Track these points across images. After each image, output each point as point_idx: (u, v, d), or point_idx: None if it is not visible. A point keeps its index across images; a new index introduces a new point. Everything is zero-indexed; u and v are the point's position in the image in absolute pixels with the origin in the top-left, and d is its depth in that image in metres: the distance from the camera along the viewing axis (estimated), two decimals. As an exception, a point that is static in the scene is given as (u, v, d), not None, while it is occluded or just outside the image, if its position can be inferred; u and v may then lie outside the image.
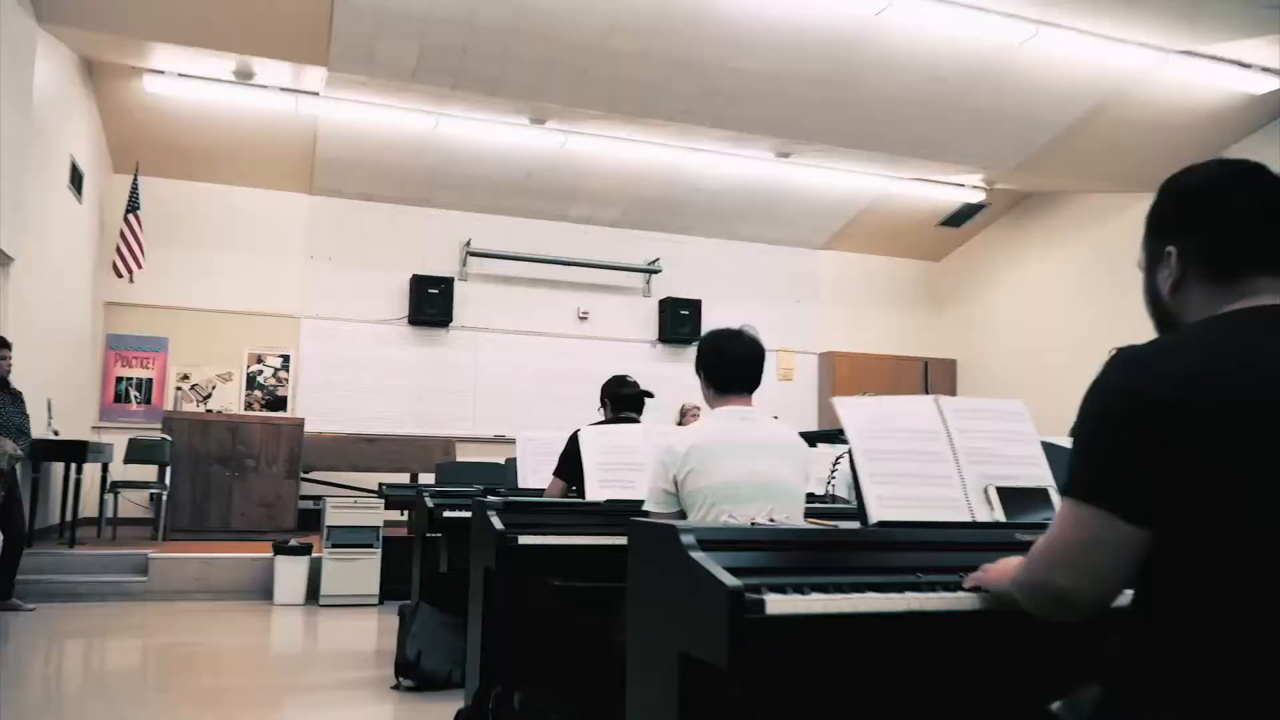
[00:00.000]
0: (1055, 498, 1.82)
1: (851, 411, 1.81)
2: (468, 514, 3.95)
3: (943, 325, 11.91)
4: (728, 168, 9.38)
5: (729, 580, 1.34)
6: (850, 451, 1.76)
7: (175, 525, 7.47)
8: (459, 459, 8.89)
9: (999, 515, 1.75)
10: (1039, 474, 1.84)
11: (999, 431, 1.86)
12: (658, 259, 10.67)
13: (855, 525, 1.80)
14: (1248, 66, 7.43)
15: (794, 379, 11.21)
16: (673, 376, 10.65)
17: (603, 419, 4.17)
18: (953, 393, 11.62)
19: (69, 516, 7.05)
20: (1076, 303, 10.09)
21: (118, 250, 8.47)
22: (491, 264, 10.16)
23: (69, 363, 8.06)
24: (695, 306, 10.67)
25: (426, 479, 8.84)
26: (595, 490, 2.93)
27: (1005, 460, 1.83)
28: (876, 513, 1.67)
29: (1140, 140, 8.15)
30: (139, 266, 8.60)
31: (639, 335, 10.69)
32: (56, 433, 6.87)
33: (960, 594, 1.47)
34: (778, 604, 1.33)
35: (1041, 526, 1.77)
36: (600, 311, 10.57)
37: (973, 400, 1.88)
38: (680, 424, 8.43)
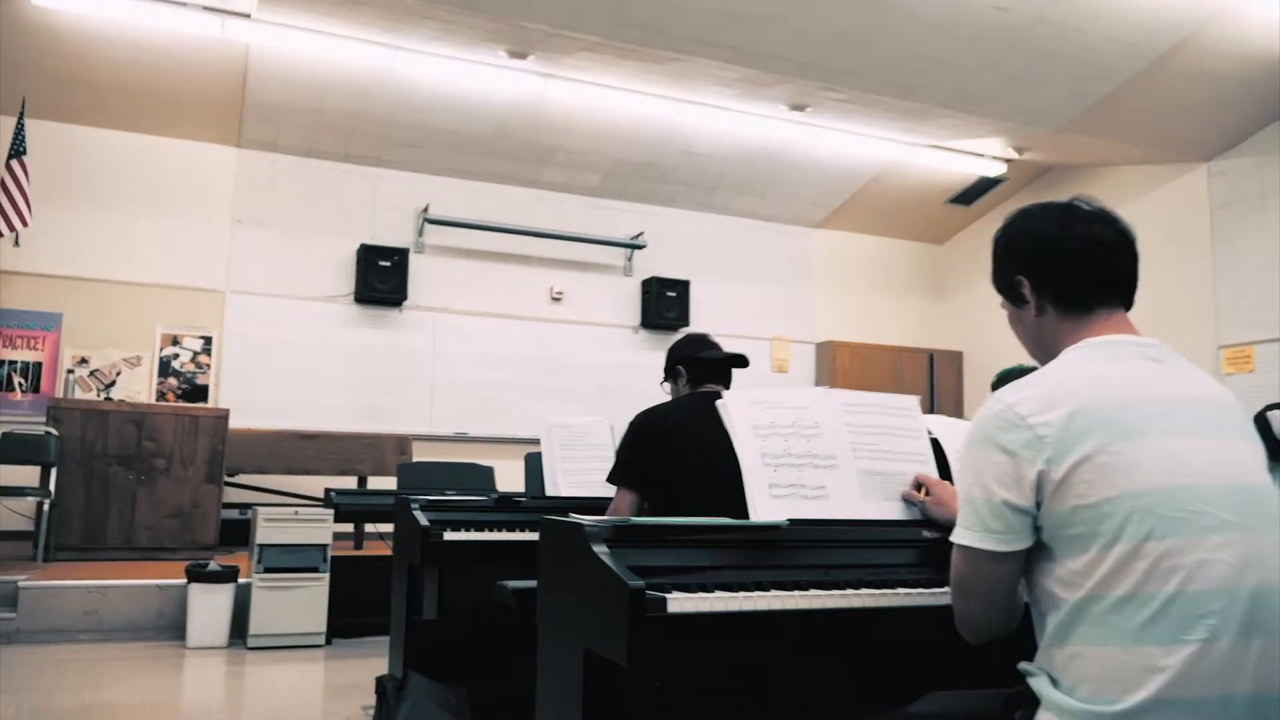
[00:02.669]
0: None
1: None
2: (480, 535, 2.67)
3: (947, 314, 10.88)
4: (727, 126, 8.17)
5: None
6: None
7: (61, 542, 5.96)
8: (415, 460, 7.53)
9: None
10: None
11: None
12: (641, 233, 9.40)
13: None
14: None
15: (790, 370, 10.05)
16: (660, 367, 9.39)
17: (672, 397, 2.90)
18: (959, 388, 10.61)
19: (-81, 532, 5.51)
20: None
21: (-3, 203, 6.93)
22: (452, 234, 8.77)
23: (-71, 339, 6.48)
24: (683, 288, 9.44)
25: (377, 484, 7.46)
26: (766, 505, 1.64)
27: None
28: None
29: (1206, 96, 7.15)
30: (24, 224, 7.07)
31: (619, 320, 9.40)
32: (-100, 425, 5.34)
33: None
34: None
35: None
36: (576, 292, 9.26)
37: None
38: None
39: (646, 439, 2.58)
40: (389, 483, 7.46)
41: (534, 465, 3.07)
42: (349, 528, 6.49)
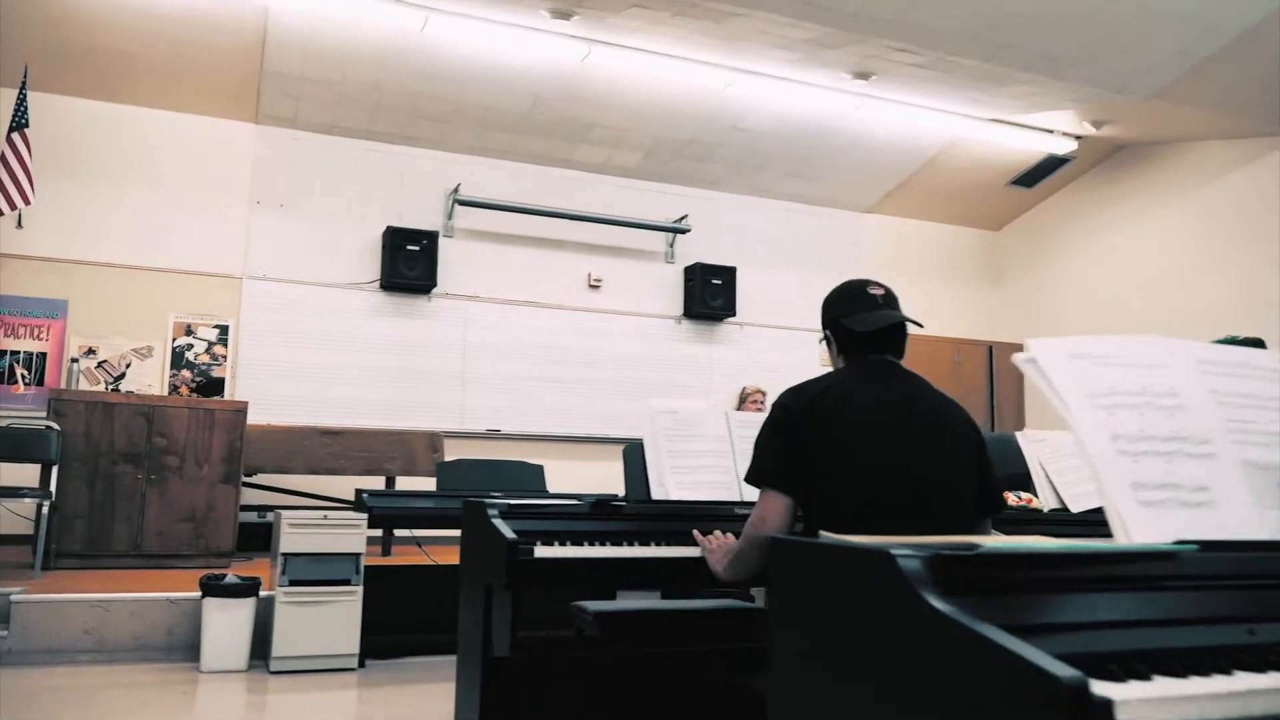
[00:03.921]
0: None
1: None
2: (579, 551, 2.06)
3: (1005, 304, 10.23)
4: (780, 99, 7.56)
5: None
6: None
7: (63, 548, 5.40)
8: (445, 458, 6.93)
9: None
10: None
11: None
12: (685, 216, 8.79)
13: None
14: None
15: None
16: (704, 360, 8.82)
17: (832, 366, 2.30)
18: (1020, 383, 9.96)
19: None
20: (1174, 277, 8.41)
21: (-4, 179, 6.38)
22: (484, 216, 8.18)
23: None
24: (729, 275, 8.81)
25: (406, 484, 6.89)
26: (1137, 517, 1.01)
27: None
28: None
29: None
30: (26, 201, 6.52)
31: (661, 309, 8.79)
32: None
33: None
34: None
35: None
36: (615, 279, 8.65)
37: None
38: (738, 410, 6.60)
39: (800, 425, 1.97)
40: (418, 483, 6.88)
41: (634, 461, 2.44)
42: (376, 532, 5.91)
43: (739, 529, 2.25)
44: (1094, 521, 2.82)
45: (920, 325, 2.22)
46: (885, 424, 1.97)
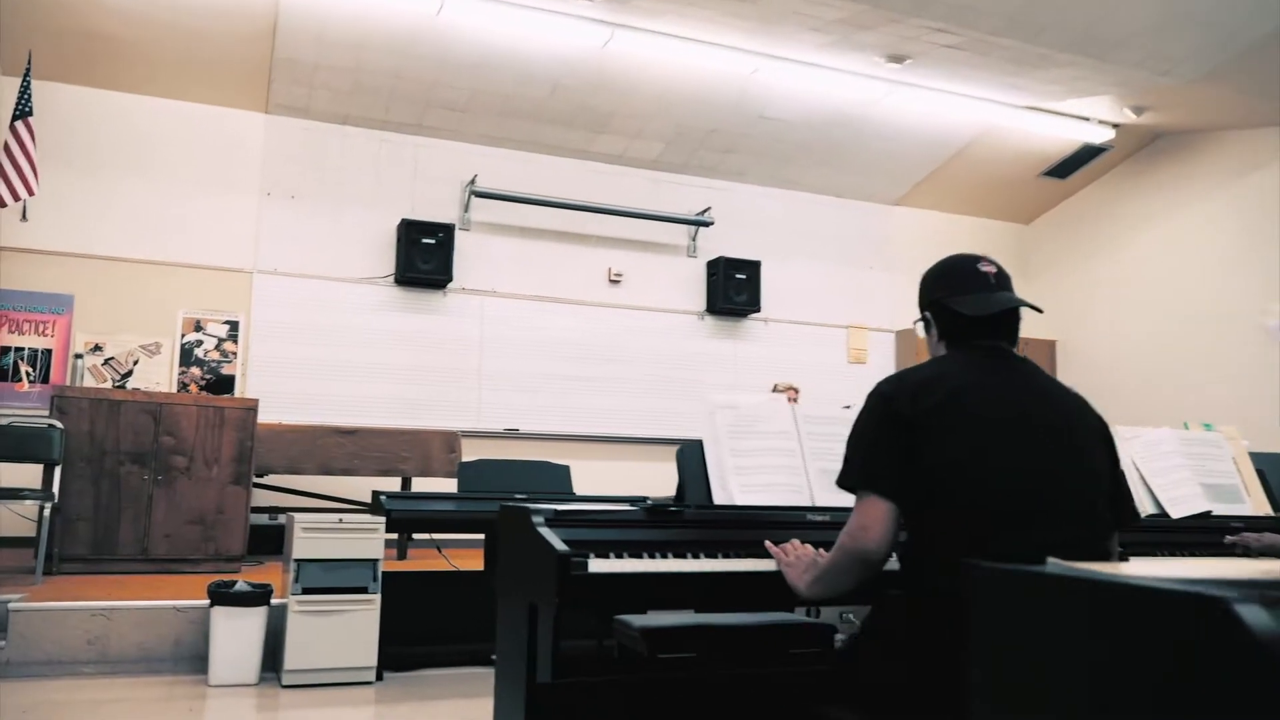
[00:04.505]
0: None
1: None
2: (638, 565, 1.80)
3: (1035, 299, 9.84)
4: (809, 87, 7.29)
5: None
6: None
7: (66, 552, 5.16)
8: (464, 458, 6.68)
9: None
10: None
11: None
12: (708, 209, 8.51)
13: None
14: None
15: (867, 361, 9.13)
16: (728, 357, 8.55)
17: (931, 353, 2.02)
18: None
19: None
20: (1212, 271, 8.10)
21: (0, 168, 6.16)
22: (501, 209, 7.93)
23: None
24: (753, 269, 8.53)
25: (422, 485, 6.64)
26: None
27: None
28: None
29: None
30: (30, 192, 6.29)
31: (683, 305, 8.52)
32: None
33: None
34: None
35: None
36: (636, 273, 8.38)
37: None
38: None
39: (905, 420, 1.69)
40: (435, 484, 6.64)
41: (692, 462, 2.15)
42: (391, 535, 5.65)
43: (814, 537, 1.99)
44: (1198, 528, 2.54)
45: (1040, 310, 1.95)
46: (1005, 420, 1.70)
